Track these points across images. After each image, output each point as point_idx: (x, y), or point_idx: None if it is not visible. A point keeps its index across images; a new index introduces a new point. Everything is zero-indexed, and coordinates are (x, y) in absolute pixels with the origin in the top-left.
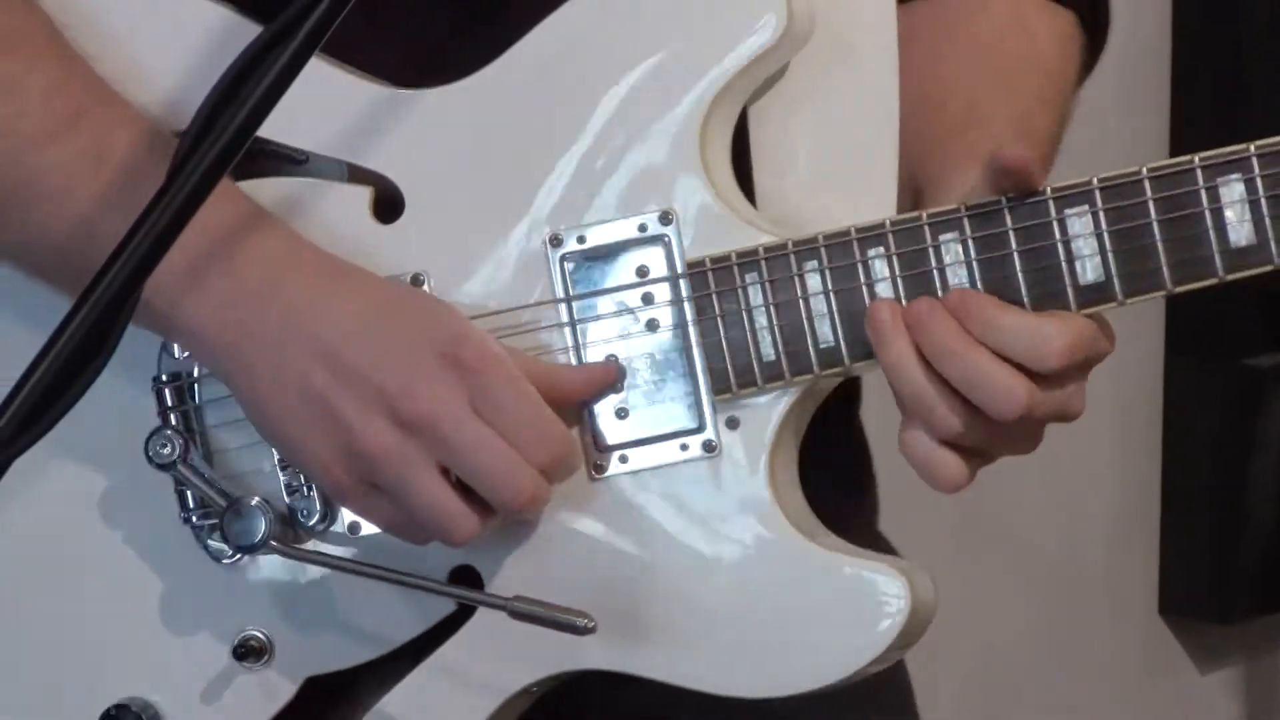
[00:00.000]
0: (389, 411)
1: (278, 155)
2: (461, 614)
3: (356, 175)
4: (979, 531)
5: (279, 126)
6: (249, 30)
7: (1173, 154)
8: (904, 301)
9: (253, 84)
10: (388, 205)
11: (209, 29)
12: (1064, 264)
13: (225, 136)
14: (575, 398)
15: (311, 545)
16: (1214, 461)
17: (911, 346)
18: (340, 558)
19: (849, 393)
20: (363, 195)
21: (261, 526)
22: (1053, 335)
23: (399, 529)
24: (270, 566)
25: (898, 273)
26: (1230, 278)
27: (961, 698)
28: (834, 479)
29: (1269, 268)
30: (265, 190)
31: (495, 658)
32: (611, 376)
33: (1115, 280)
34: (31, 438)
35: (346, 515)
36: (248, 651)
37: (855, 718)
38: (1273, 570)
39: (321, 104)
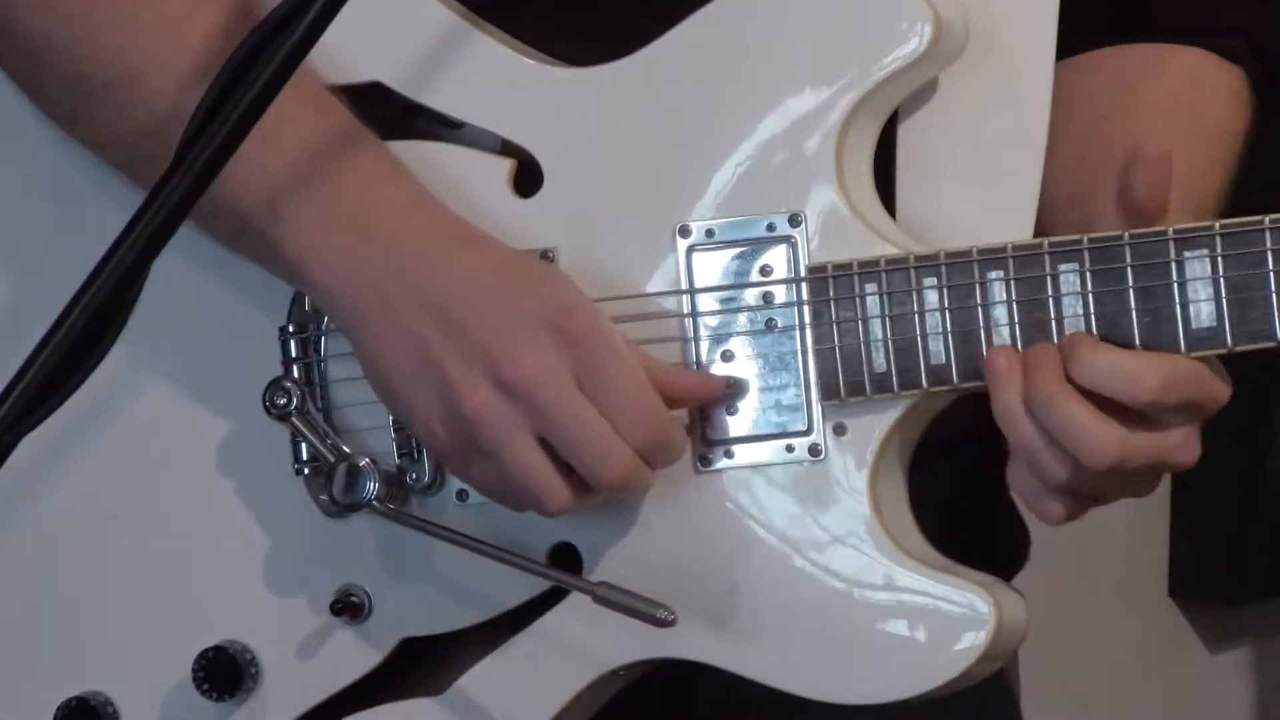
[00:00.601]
0: (490, 372)
1: (431, 116)
2: (559, 589)
3: (505, 148)
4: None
5: (435, 92)
6: None
7: None
8: (1018, 329)
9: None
10: (527, 179)
11: None
12: (1178, 306)
13: (282, 53)
14: (678, 396)
15: (417, 509)
16: (1224, 444)
17: (1020, 396)
18: (436, 525)
19: None
20: (503, 166)
21: (367, 486)
22: (1145, 371)
23: (496, 494)
24: (373, 525)
25: (1014, 297)
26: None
27: None
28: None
29: None
30: (411, 151)
31: (588, 636)
32: (718, 391)
33: (1227, 326)
34: (54, 403)
35: (455, 482)
36: (346, 607)
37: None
38: None
39: (475, 74)
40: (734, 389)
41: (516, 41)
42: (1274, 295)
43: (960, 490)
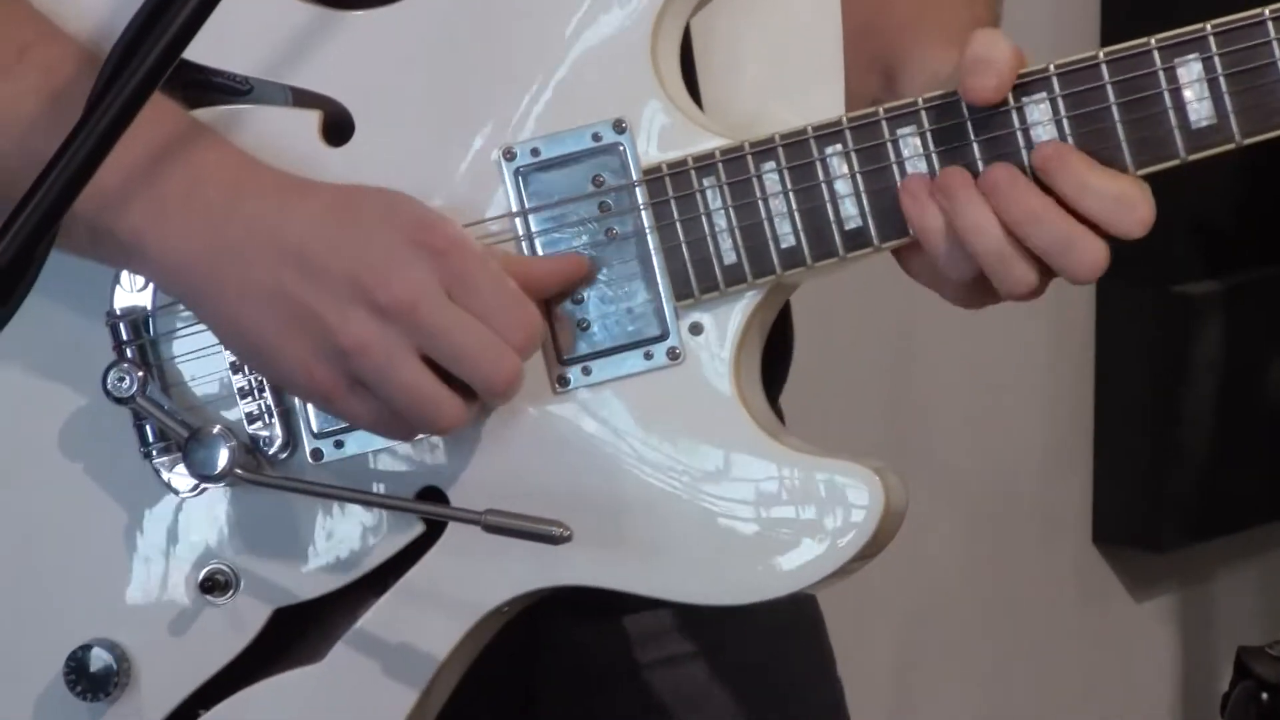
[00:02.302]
0: (365, 301)
1: (220, 86)
2: (428, 538)
3: (302, 100)
4: (911, 461)
5: (219, 53)
6: None
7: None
8: (864, 194)
9: (178, 5)
10: (337, 128)
11: None
12: (1171, 111)
13: (150, 60)
14: (545, 288)
15: (274, 474)
16: (1147, 391)
17: (987, 209)
18: (309, 482)
19: None
20: (311, 119)
21: (226, 454)
22: (1140, 199)
23: (384, 425)
24: (231, 499)
25: (856, 169)
26: (1192, 158)
27: (895, 627)
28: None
29: (1230, 146)
30: (216, 118)
31: (465, 578)
32: (582, 267)
33: (1232, 120)
34: None
35: (309, 442)
36: (213, 585)
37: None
38: (1205, 499)
39: (262, 28)
40: (593, 265)
41: None
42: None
43: None
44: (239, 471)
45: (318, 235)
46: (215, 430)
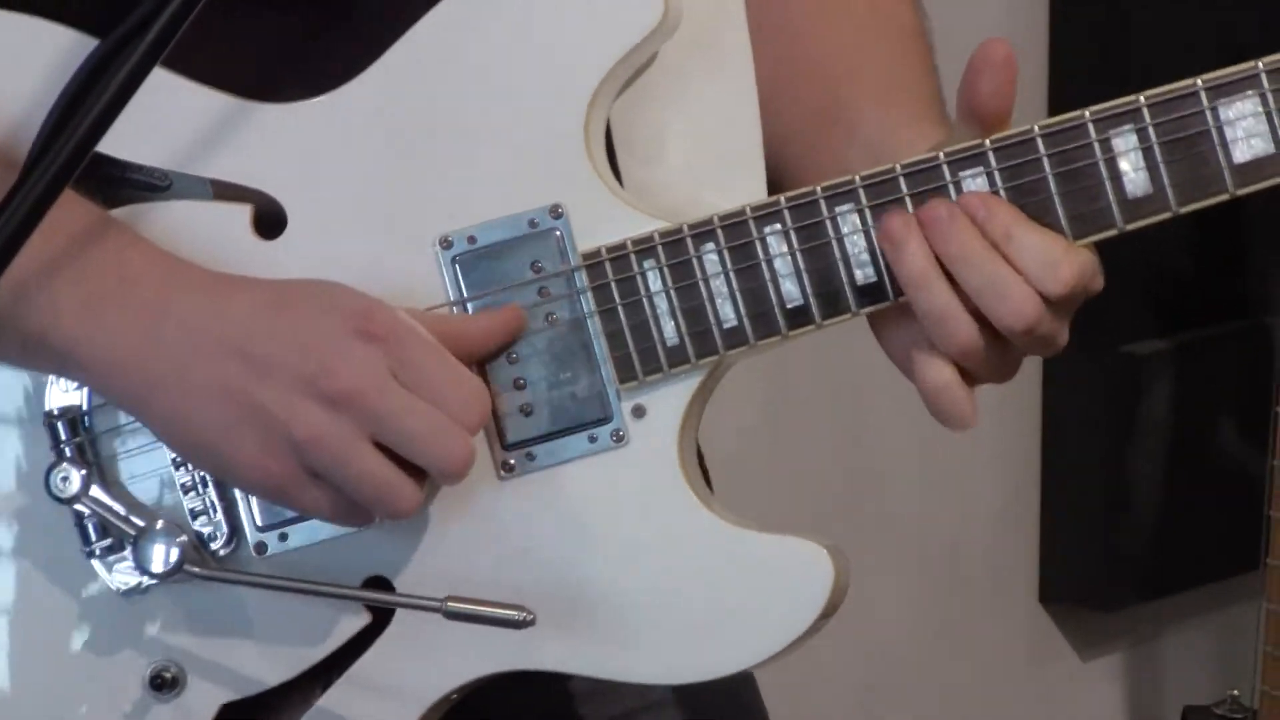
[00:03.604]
0: (313, 393)
1: (136, 183)
2: (375, 628)
3: (228, 193)
4: (860, 519)
5: (134, 147)
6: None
7: (1051, 109)
8: (804, 273)
9: (95, 94)
10: (269, 221)
11: (56, 51)
12: (1107, 182)
13: (64, 153)
14: (485, 345)
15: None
16: (1093, 449)
17: (933, 258)
18: (261, 574)
19: None
20: (242, 213)
21: (175, 550)
22: (1063, 258)
23: (341, 514)
24: (175, 595)
25: (795, 247)
26: (1130, 228)
27: (844, 686)
28: None
29: (1167, 215)
30: (140, 215)
31: (414, 667)
32: (517, 319)
33: (1168, 190)
34: None
35: (252, 536)
36: (162, 683)
37: None
38: (1153, 558)
39: (180, 121)
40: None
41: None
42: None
43: None
44: (190, 568)
45: (258, 331)
46: (161, 526)
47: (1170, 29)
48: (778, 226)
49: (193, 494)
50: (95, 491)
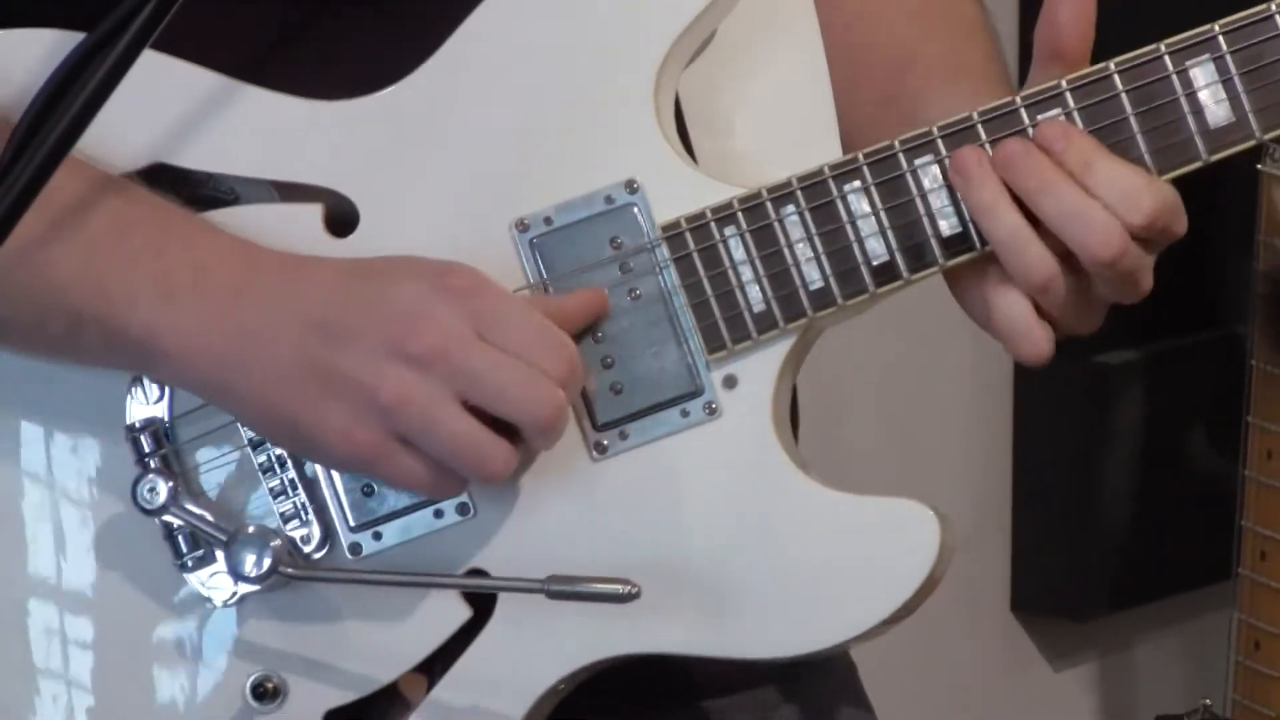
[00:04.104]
0: (397, 355)
1: (205, 199)
2: (477, 621)
3: (296, 195)
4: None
5: (202, 156)
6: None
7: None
8: (888, 229)
9: (78, 87)
10: (340, 220)
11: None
12: (1189, 115)
13: (45, 147)
14: (574, 324)
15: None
16: (1065, 459)
17: (1003, 187)
18: (359, 570)
19: None
20: (314, 212)
21: (269, 554)
22: (1145, 189)
23: (433, 481)
24: (271, 603)
25: (877, 203)
26: (1214, 158)
27: None
28: None
29: (1251, 142)
30: (216, 220)
31: (518, 659)
32: (600, 299)
33: (1250, 117)
34: None
35: (347, 537)
36: (263, 694)
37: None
38: (1125, 567)
39: (248, 126)
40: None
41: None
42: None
43: None
44: (286, 570)
45: (336, 300)
46: (254, 531)
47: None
48: (857, 184)
49: (282, 497)
50: (183, 501)
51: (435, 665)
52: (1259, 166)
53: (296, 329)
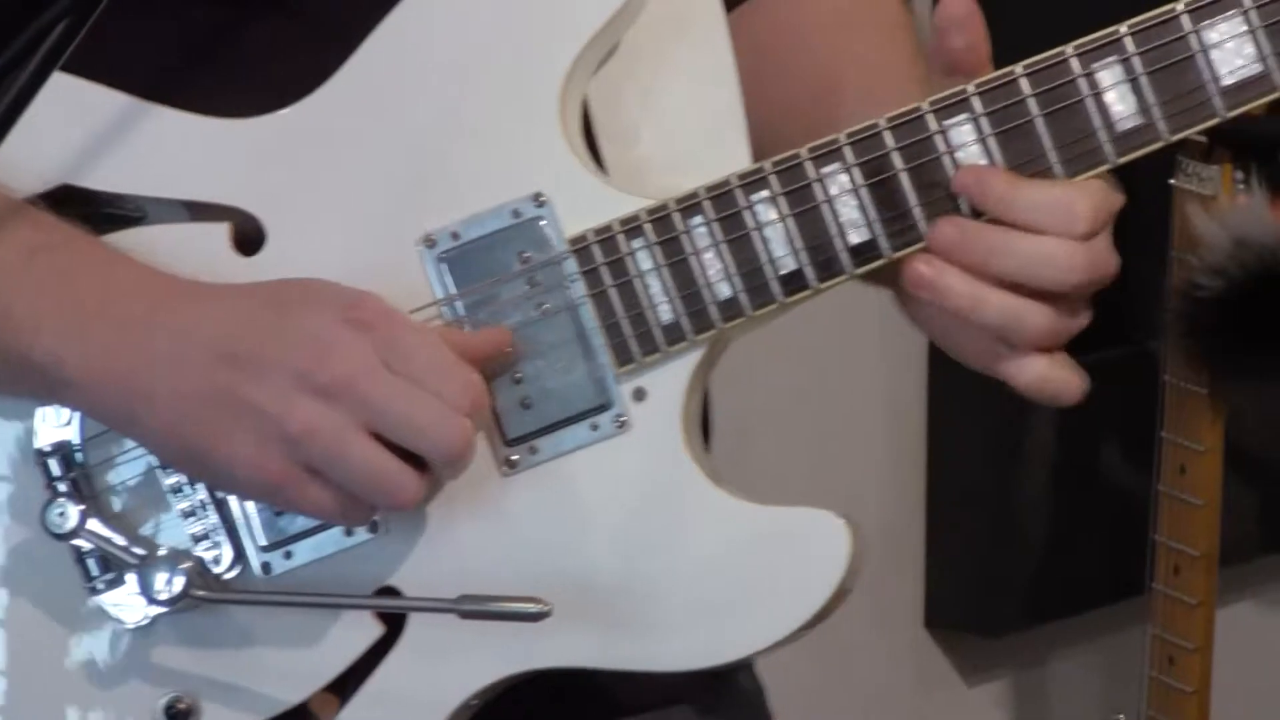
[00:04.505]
0: (305, 386)
1: (113, 217)
2: (389, 639)
3: (204, 214)
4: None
5: (110, 176)
6: None
7: None
8: (796, 237)
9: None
10: (249, 238)
11: None
12: (1096, 115)
13: None
14: (474, 359)
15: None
16: (979, 474)
17: (967, 277)
18: (272, 592)
19: None
20: (221, 231)
21: (180, 576)
22: (1074, 197)
23: (342, 511)
24: (183, 625)
25: (785, 212)
26: (1122, 160)
27: None
28: None
29: (1159, 144)
30: (123, 241)
31: (431, 675)
32: (507, 340)
33: (1158, 116)
34: None
35: (256, 557)
36: (176, 715)
37: None
38: (1038, 583)
39: (155, 145)
40: (521, 344)
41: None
42: (1205, 72)
43: None
44: (197, 592)
45: (244, 330)
46: (165, 553)
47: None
48: (765, 193)
49: (192, 518)
50: (93, 525)
51: (347, 684)
52: (1171, 182)
53: (204, 359)
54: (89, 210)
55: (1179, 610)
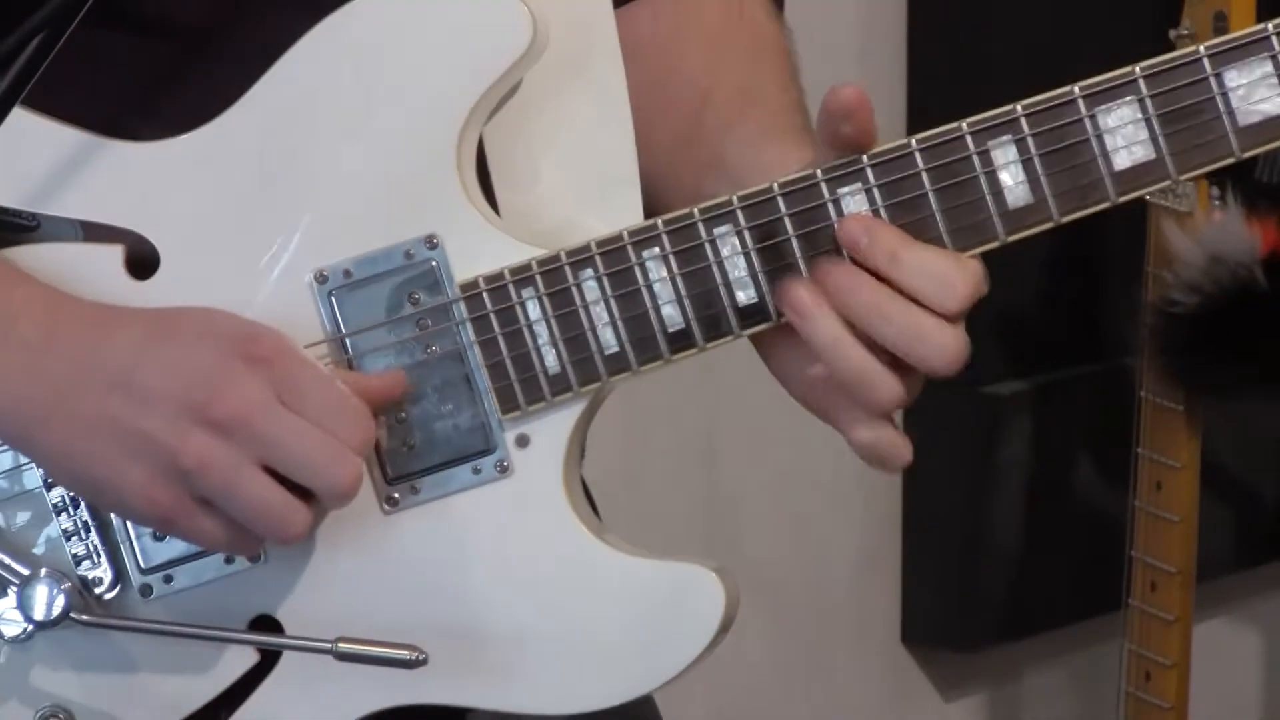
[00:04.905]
0: (200, 419)
1: (3, 224)
2: (264, 667)
3: (98, 234)
4: (720, 559)
5: (9, 190)
6: None
7: (911, 106)
8: (685, 297)
9: None
10: (142, 262)
11: None
12: (988, 196)
13: None
14: (367, 399)
15: (105, 613)
16: (955, 489)
17: (842, 323)
18: (146, 620)
19: None
20: (114, 253)
21: (61, 597)
22: (957, 273)
23: (230, 542)
24: (63, 642)
25: (675, 270)
26: (1012, 239)
27: None
28: None
29: (1049, 224)
30: (13, 257)
31: (306, 704)
32: (401, 385)
33: (1050, 200)
34: None
35: (137, 579)
36: None
37: None
38: (1014, 598)
39: (52, 162)
40: (410, 383)
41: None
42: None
43: None
44: (74, 615)
45: (141, 359)
46: (46, 573)
47: (1030, 24)
48: (656, 251)
49: (75, 539)
50: None
51: (221, 709)
52: (1147, 198)
53: (99, 387)
54: None
55: (1155, 626)
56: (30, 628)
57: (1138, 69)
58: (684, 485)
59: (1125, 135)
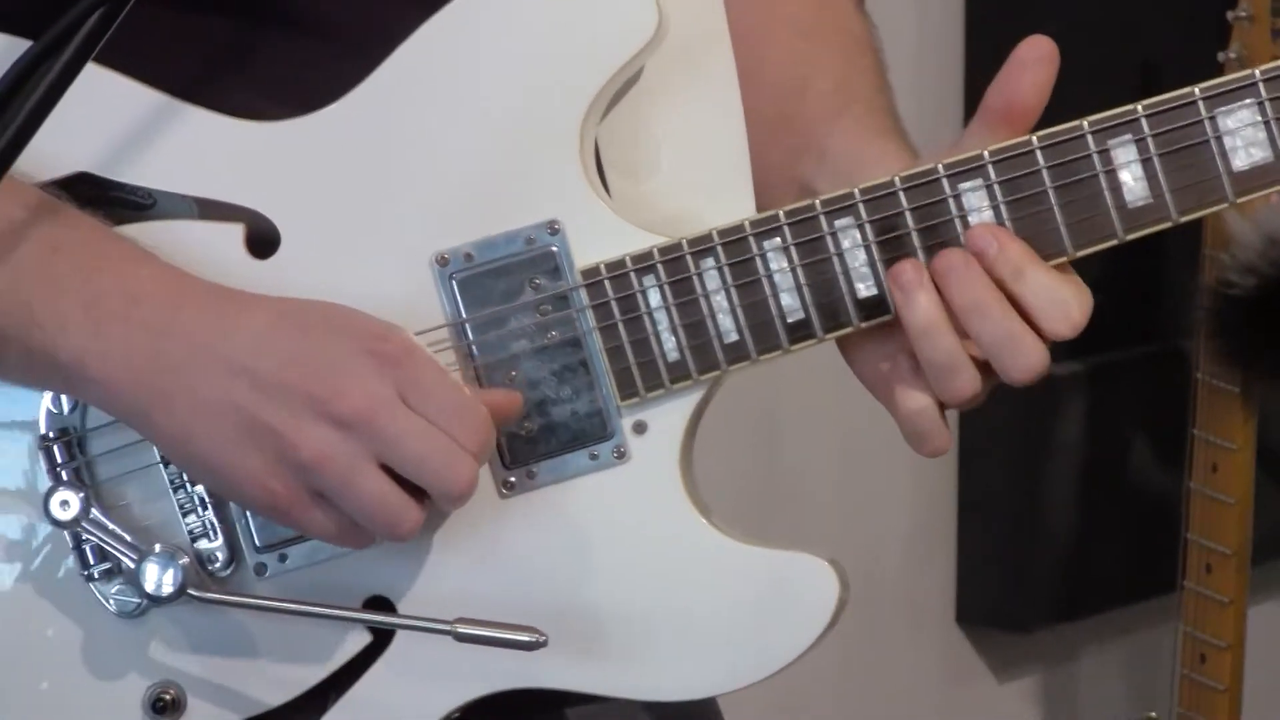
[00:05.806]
0: (322, 414)
1: (119, 201)
2: (376, 648)
3: (218, 212)
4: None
5: (124, 168)
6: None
7: (967, 113)
8: (805, 287)
9: (23, 97)
10: (261, 240)
11: None
12: (1107, 193)
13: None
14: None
15: (220, 592)
16: (1009, 471)
17: (941, 308)
18: (262, 597)
19: None
20: (235, 232)
21: (176, 573)
22: (1074, 299)
23: (342, 535)
24: (176, 617)
25: (796, 261)
26: (1129, 237)
27: (758, 708)
28: None
29: (1167, 224)
30: (140, 234)
31: (414, 688)
32: (519, 403)
33: (1168, 198)
34: None
35: (252, 557)
36: (164, 706)
37: None
38: (1069, 579)
39: (171, 141)
40: (528, 405)
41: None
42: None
43: None
44: (192, 591)
45: (267, 350)
46: (162, 550)
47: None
48: (778, 241)
49: (192, 515)
50: (95, 515)
51: (330, 692)
52: None
53: (223, 371)
54: (97, 193)
55: (1210, 608)
56: (144, 602)
57: (1258, 72)
58: (742, 466)
59: (1244, 137)
